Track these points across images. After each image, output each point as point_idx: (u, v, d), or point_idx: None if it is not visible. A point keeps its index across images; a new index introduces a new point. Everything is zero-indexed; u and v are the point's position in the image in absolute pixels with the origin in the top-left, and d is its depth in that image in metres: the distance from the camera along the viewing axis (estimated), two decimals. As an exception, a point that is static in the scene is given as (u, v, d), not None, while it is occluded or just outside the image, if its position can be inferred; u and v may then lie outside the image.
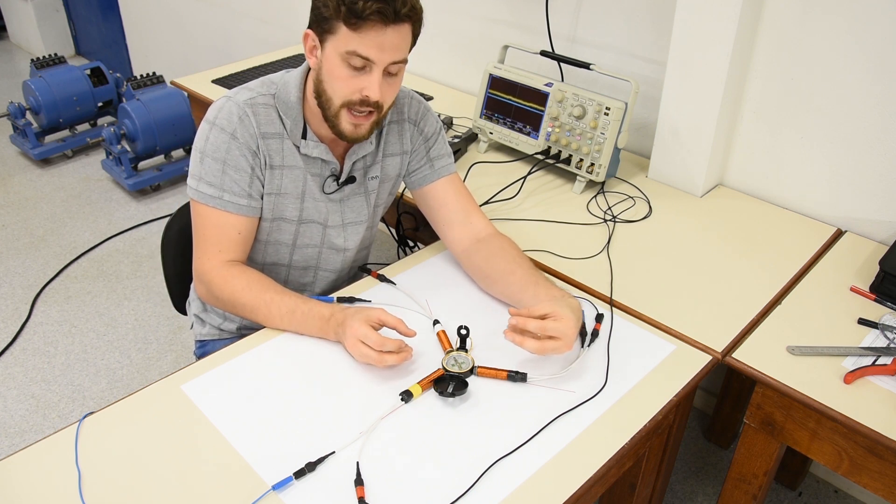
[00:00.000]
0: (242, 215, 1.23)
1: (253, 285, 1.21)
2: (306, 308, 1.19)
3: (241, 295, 1.21)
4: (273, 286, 1.23)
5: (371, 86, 1.13)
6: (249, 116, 1.20)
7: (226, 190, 1.20)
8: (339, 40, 1.10)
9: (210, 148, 1.19)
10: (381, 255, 2.72)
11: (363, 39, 1.09)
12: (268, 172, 1.24)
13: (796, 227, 1.60)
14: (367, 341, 1.11)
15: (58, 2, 4.63)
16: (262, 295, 1.21)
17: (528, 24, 2.04)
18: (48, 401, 2.13)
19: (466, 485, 0.96)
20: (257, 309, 1.21)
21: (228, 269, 1.23)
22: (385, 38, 1.09)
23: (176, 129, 3.14)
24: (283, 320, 1.20)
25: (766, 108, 1.63)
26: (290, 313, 1.20)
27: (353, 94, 1.14)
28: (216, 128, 1.19)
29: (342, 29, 1.09)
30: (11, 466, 0.98)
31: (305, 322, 1.19)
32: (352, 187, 1.34)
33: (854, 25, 1.44)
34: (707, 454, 1.98)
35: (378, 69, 1.12)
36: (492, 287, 1.32)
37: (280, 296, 1.21)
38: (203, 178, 1.20)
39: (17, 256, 2.78)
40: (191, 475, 0.97)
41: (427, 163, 1.38)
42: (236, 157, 1.19)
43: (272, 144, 1.23)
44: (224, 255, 1.24)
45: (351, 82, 1.13)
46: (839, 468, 1.15)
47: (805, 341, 1.23)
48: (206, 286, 1.25)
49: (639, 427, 1.07)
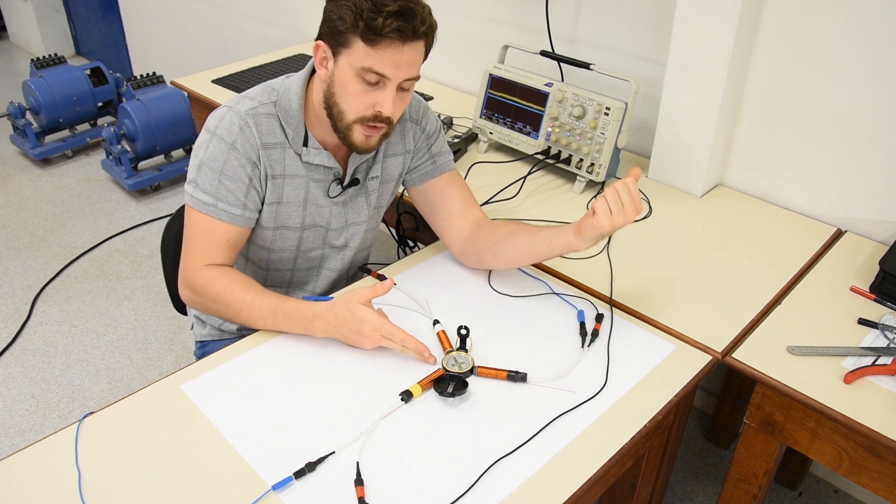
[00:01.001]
0: (234, 224, 1.23)
1: (234, 286, 1.21)
2: (287, 308, 1.19)
3: (223, 296, 1.21)
4: (254, 286, 1.22)
5: (385, 102, 1.13)
6: (251, 127, 1.19)
7: (220, 199, 1.20)
8: (354, 55, 1.10)
9: (208, 157, 1.19)
10: (381, 255, 2.72)
11: (380, 56, 1.09)
12: (270, 183, 1.24)
13: (796, 227, 1.60)
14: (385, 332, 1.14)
15: (58, 2, 4.63)
16: (244, 295, 1.20)
17: (528, 24, 2.04)
18: (48, 401, 2.13)
19: (466, 485, 0.96)
20: (240, 310, 1.21)
21: (211, 270, 1.23)
22: (402, 56, 1.09)
23: (176, 129, 3.14)
24: (265, 321, 1.20)
25: (766, 108, 1.63)
26: (271, 314, 1.20)
27: (366, 110, 1.14)
28: (216, 137, 1.19)
29: (358, 44, 1.09)
30: (11, 466, 0.98)
31: (288, 322, 1.19)
32: (354, 189, 1.34)
33: (854, 25, 1.44)
34: (707, 454, 1.98)
35: (392, 85, 1.12)
36: (503, 249, 1.32)
37: (261, 296, 1.20)
38: (199, 186, 1.21)
39: (17, 256, 2.78)
40: (191, 475, 0.97)
41: (429, 159, 1.39)
42: (234, 168, 1.19)
43: (274, 154, 1.23)
44: (209, 260, 1.24)
45: (364, 98, 1.13)
46: (839, 468, 1.15)
47: (805, 341, 1.23)
48: (190, 289, 1.25)
49: (639, 427, 1.07)
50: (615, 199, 1.12)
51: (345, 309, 1.15)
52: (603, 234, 1.15)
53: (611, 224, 1.12)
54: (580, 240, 1.19)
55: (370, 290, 1.15)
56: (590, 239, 1.17)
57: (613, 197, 1.13)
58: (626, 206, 1.12)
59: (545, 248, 1.25)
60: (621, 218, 1.12)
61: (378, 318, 1.14)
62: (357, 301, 1.14)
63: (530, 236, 1.28)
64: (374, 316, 1.14)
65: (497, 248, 1.33)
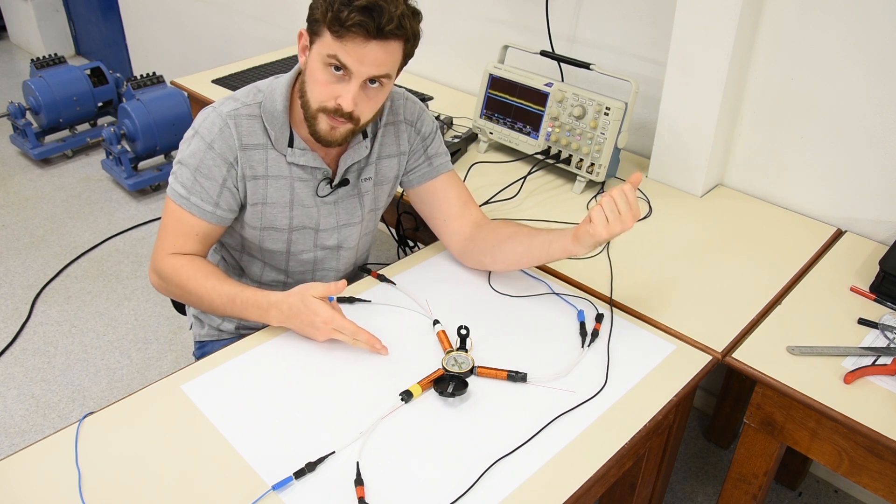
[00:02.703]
0: (204, 220, 1.25)
1: (197, 274, 1.24)
2: (245, 297, 1.21)
3: (187, 284, 1.24)
4: (216, 274, 1.24)
5: (346, 95, 1.13)
6: (230, 128, 1.21)
7: (194, 194, 1.23)
8: (323, 44, 1.11)
9: (188, 154, 1.22)
10: (381, 255, 2.72)
11: (344, 47, 1.09)
12: (250, 183, 1.25)
13: (796, 227, 1.60)
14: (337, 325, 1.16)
15: (58, 2, 4.63)
16: (205, 283, 1.23)
17: (528, 24, 2.04)
18: (48, 401, 2.13)
19: (466, 485, 0.96)
20: (202, 297, 1.23)
21: (178, 259, 1.26)
22: (366, 52, 1.09)
23: (176, 129, 3.13)
24: (224, 307, 1.23)
25: (766, 108, 1.63)
26: (230, 301, 1.22)
27: (328, 100, 1.15)
28: (198, 136, 1.22)
29: (327, 34, 1.10)
30: (11, 466, 0.98)
31: (245, 310, 1.21)
32: (346, 189, 1.34)
33: (854, 26, 1.44)
34: (707, 454, 1.98)
35: (356, 80, 1.12)
36: (501, 252, 1.32)
37: (221, 284, 1.23)
38: (178, 179, 1.24)
39: (17, 256, 2.78)
40: (191, 475, 0.97)
41: (426, 161, 1.38)
42: (209, 167, 1.21)
43: (254, 155, 1.24)
44: (178, 249, 1.26)
45: (328, 88, 1.14)
46: (839, 468, 1.15)
47: (805, 341, 1.23)
48: (158, 274, 1.28)
49: (639, 427, 1.07)
50: (611, 206, 1.12)
51: (299, 300, 1.17)
52: (599, 242, 1.15)
53: (607, 232, 1.12)
54: (578, 246, 1.18)
55: (325, 286, 1.17)
56: (587, 246, 1.17)
57: (610, 205, 1.12)
58: (622, 213, 1.11)
59: (544, 252, 1.26)
60: (618, 226, 1.11)
61: (330, 311, 1.16)
62: (311, 293, 1.16)
63: (529, 239, 1.28)
64: (327, 309, 1.15)
65: (495, 251, 1.33)
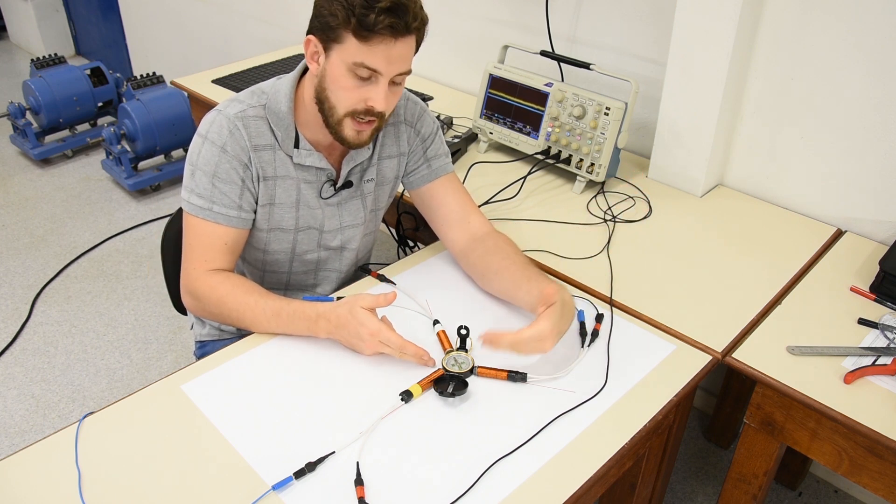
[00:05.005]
0: (231, 227, 1.23)
1: (237, 290, 1.21)
2: (291, 309, 1.19)
3: (225, 301, 1.21)
4: (256, 289, 1.22)
5: (377, 97, 1.13)
6: (240, 129, 1.20)
7: (215, 202, 1.20)
8: (346, 51, 1.10)
9: (201, 161, 1.20)
10: (381, 255, 2.72)
11: (372, 51, 1.08)
12: (261, 185, 1.24)
13: (796, 227, 1.60)
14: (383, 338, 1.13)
15: (58, 2, 4.63)
16: (246, 299, 1.20)
17: (528, 24, 2.04)
18: (48, 401, 2.13)
19: (466, 485, 0.96)
20: (243, 314, 1.20)
21: (213, 276, 1.23)
22: (393, 51, 1.09)
23: (176, 129, 3.14)
24: (269, 323, 1.20)
25: (765, 107, 1.63)
26: (275, 316, 1.19)
27: (357, 104, 1.14)
28: (207, 141, 1.20)
29: (350, 40, 1.08)
30: (11, 466, 0.98)
31: (292, 323, 1.19)
32: (349, 191, 1.34)
33: (854, 25, 1.44)
34: (707, 454, 1.98)
35: (385, 80, 1.12)
36: (488, 284, 1.32)
37: (264, 299, 1.20)
38: (194, 191, 1.21)
39: (17, 256, 2.78)
40: (191, 475, 0.97)
41: (424, 163, 1.38)
42: (226, 170, 1.20)
43: (264, 156, 1.23)
44: (209, 265, 1.23)
45: (356, 92, 1.13)
46: (839, 468, 1.15)
47: (805, 341, 1.23)
48: (192, 295, 1.25)
49: (639, 427, 1.07)
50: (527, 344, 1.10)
51: (347, 311, 1.15)
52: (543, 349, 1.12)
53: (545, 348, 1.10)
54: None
55: (375, 297, 1.14)
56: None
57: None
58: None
59: (525, 304, 1.23)
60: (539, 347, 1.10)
61: (377, 323, 1.13)
62: (360, 305, 1.14)
63: (514, 286, 1.25)
64: (374, 321, 1.13)
65: (483, 280, 1.33)
